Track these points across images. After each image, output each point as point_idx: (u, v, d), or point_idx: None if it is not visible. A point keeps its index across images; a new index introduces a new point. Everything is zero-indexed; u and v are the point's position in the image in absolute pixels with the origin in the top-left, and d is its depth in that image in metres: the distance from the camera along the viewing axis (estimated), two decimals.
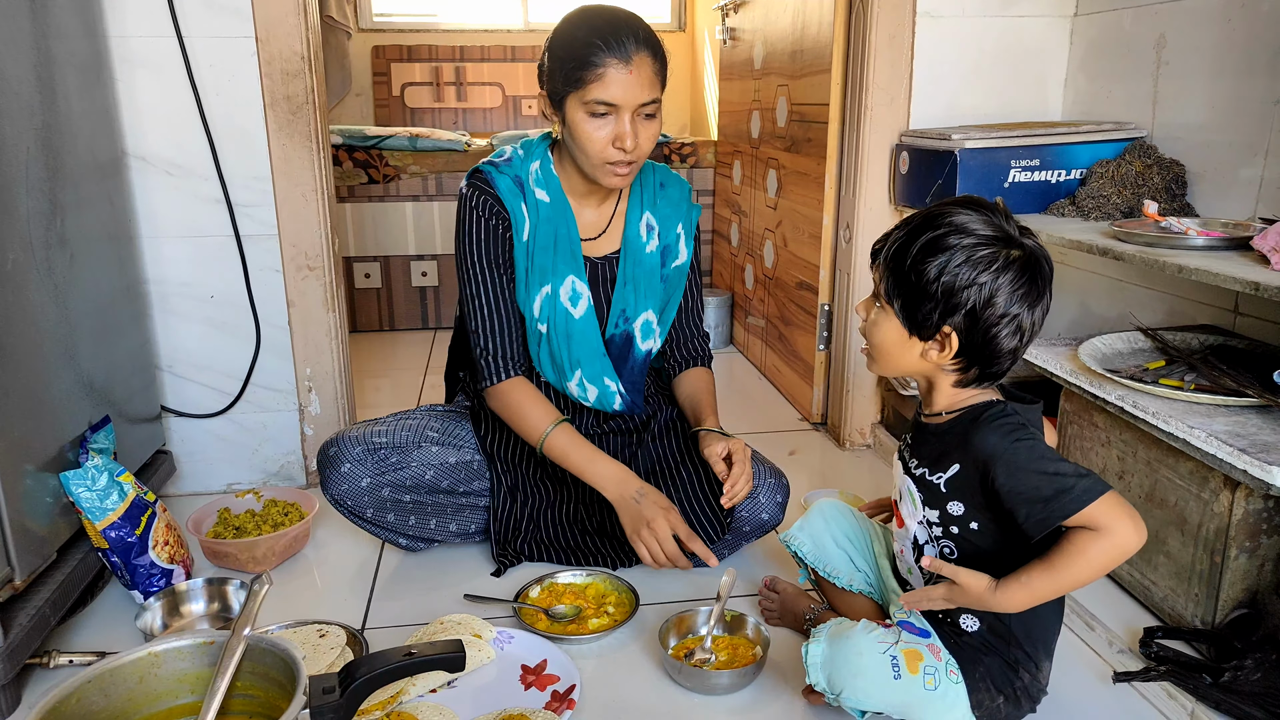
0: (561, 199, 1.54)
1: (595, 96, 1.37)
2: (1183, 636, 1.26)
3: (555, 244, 1.53)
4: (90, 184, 1.54)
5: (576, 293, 1.55)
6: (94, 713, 0.92)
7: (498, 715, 1.17)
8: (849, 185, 2.07)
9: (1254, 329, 1.50)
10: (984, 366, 1.05)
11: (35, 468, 1.26)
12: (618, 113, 1.39)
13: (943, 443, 1.10)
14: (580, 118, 1.40)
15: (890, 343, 1.08)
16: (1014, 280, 1.00)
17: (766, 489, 1.56)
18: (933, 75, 1.96)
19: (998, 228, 1.02)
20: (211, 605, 1.46)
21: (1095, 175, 1.73)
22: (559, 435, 1.51)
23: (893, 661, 1.07)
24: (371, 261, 3.25)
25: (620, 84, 1.37)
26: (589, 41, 1.37)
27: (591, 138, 1.40)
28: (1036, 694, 1.14)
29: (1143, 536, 0.97)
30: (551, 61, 1.42)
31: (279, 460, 1.95)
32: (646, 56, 1.39)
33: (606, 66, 1.36)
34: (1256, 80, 1.51)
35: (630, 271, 1.59)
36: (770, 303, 2.68)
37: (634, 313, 1.59)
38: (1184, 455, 1.25)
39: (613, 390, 1.60)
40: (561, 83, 1.40)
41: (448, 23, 4.10)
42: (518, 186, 1.52)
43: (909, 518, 1.15)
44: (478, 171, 1.53)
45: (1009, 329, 1.02)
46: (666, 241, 1.62)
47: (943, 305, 1.01)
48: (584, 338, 1.56)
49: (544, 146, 1.55)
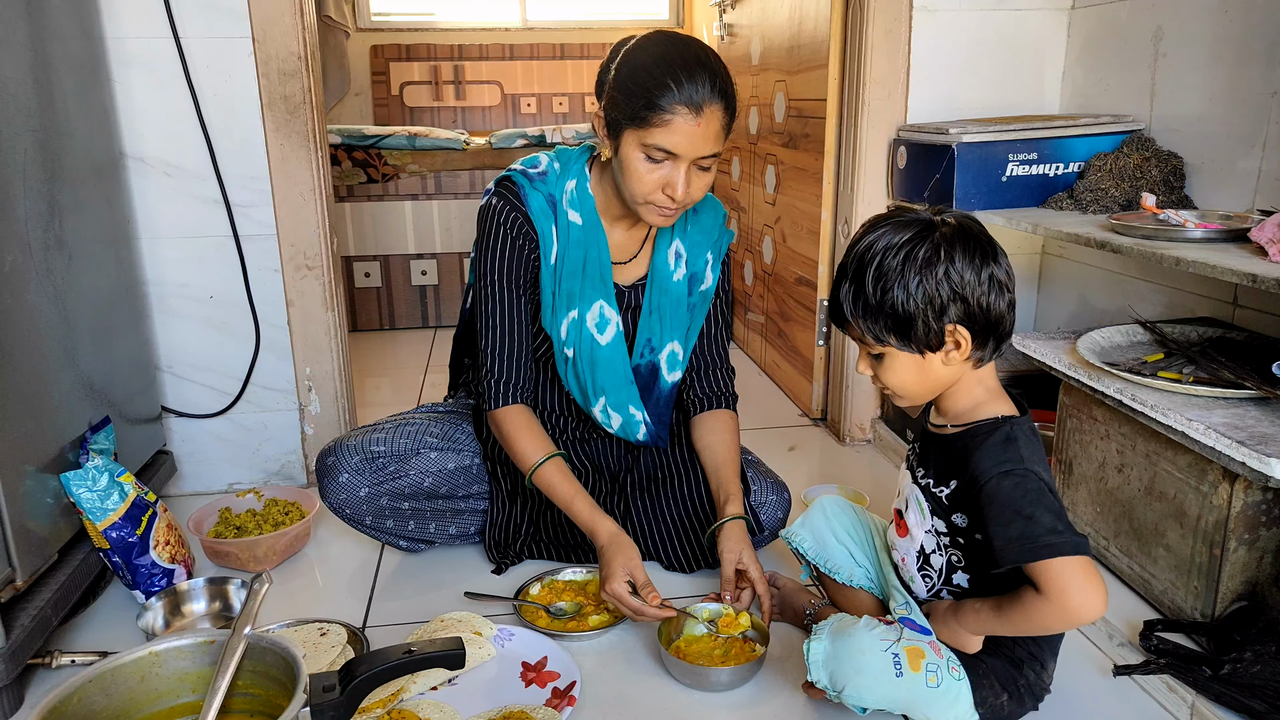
0: (595, 221, 1.46)
1: (656, 142, 1.28)
2: (1182, 629, 1.26)
3: (584, 268, 1.46)
4: (88, 185, 1.54)
5: (604, 319, 1.48)
6: (96, 712, 0.92)
7: (499, 712, 1.17)
8: (847, 180, 2.07)
9: (1253, 321, 1.50)
10: (997, 334, 1.05)
11: (36, 469, 1.27)
12: (675, 161, 1.30)
13: (947, 457, 1.10)
14: (635, 155, 1.31)
15: (911, 374, 1.07)
16: (963, 251, 1.02)
17: (769, 505, 1.56)
18: (930, 69, 1.96)
19: (914, 222, 1.04)
20: (213, 605, 1.47)
21: (1093, 168, 1.73)
22: (547, 470, 1.45)
23: (895, 659, 1.07)
24: (371, 261, 3.25)
25: (685, 135, 1.27)
26: (662, 81, 1.26)
27: (643, 179, 1.32)
28: (1040, 692, 1.14)
29: (1090, 611, 0.97)
30: (617, 87, 1.31)
31: (279, 460, 1.96)
32: (718, 109, 1.29)
33: (675, 115, 1.26)
34: (1254, 71, 1.50)
35: (656, 300, 1.52)
36: (769, 299, 2.68)
37: (660, 343, 1.53)
38: (1183, 448, 1.25)
39: (638, 420, 1.55)
40: (623, 115, 1.30)
41: (446, 21, 4.10)
42: (550, 206, 1.44)
43: (916, 526, 1.15)
44: (509, 181, 1.45)
45: (994, 290, 1.03)
46: (694, 269, 1.54)
47: (931, 312, 1.02)
48: (609, 365, 1.50)
49: (582, 162, 1.47)
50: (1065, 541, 0.97)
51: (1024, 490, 1.00)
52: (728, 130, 1.33)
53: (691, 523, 1.54)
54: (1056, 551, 0.96)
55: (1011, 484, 1.00)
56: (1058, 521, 0.98)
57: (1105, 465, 1.44)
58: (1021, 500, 0.99)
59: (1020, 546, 0.98)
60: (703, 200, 1.53)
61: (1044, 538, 0.97)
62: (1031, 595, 0.99)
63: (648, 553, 1.56)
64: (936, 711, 1.08)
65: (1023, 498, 1.00)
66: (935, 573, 1.14)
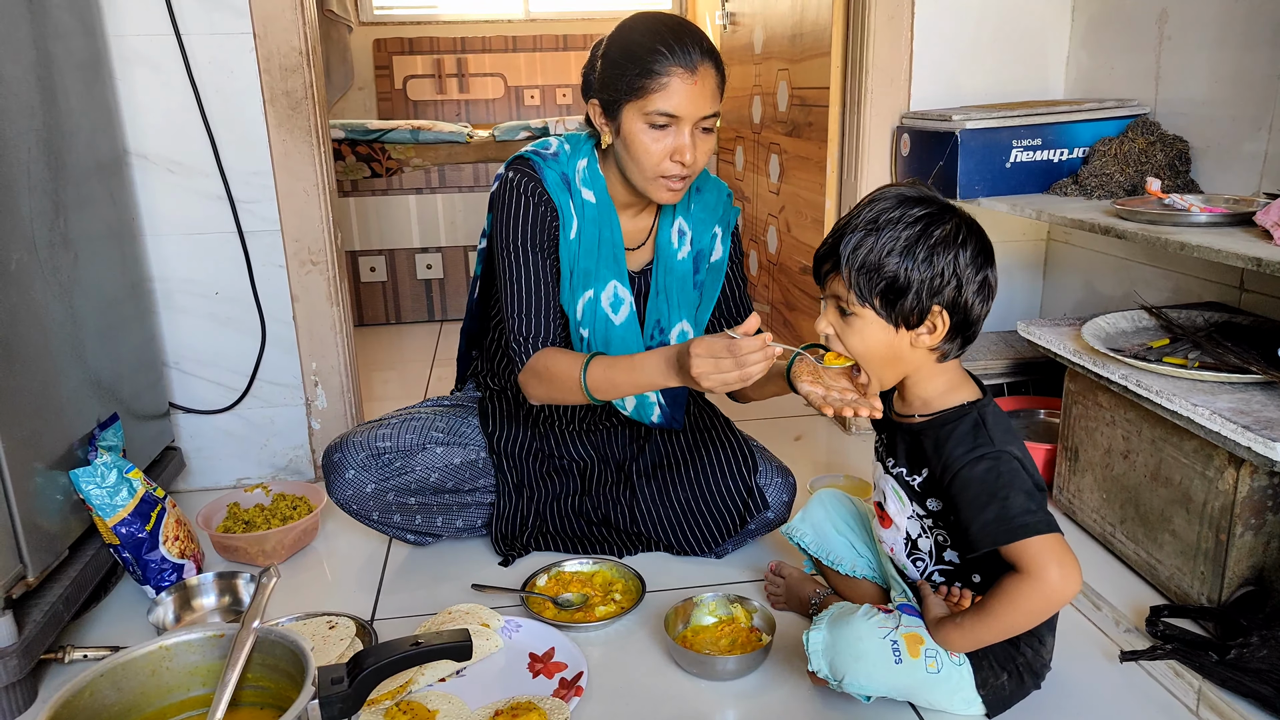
0: (607, 201, 1.48)
1: (658, 107, 1.31)
2: (1189, 615, 1.26)
3: (599, 247, 1.47)
4: (92, 183, 1.54)
5: (619, 298, 1.49)
6: (107, 706, 0.93)
7: (506, 703, 1.18)
8: (850, 169, 2.06)
9: (1260, 305, 1.50)
10: (966, 334, 1.06)
11: (45, 466, 1.28)
12: (678, 125, 1.33)
13: (917, 445, 1.10)
14: (638, 128, 1.34)
15: (880, 344, 1.06)
16: (973, 244, 1.03)
17: (774, 487, 1.56)
18: (933, 56, 1.95)
19: (934, 201, 1.04)
20: (222, 599, 1.48)
21: (1098, 153, 1.72)
22: (595, 368, 1.35)
23: (893, 646, 1.07)
24: (376, 255, 3.26)
25: (684, 95, 1.31)
26: (653, 48, 1.30)
27: (649, 150, 1.34)
28: (1040, 669, 1.14)
29: (1072, 587, 0.98)
30: (608, 68, 1.36)
31: (287, 454, 1.97)
32: (710, 68, 1.33)
33: (671, 75, 1.30)
34: (1259, 53, 1.49)
35: (662, 281, 1.53)
36: (774, 288, 2.68)
37: (669, 323, 1.53)
38: (1188, 433, 1.24)
39: (652, 402, 1.54)
40: (621, 91, 1.33)
41: (448, 14, 4.10)
42: (564, 183, 1.45)
43: (898, 515, 1.15)
44: (523, 159, 1.46)
45: (982, 292, 1.04)
46: (700, 246, 1.55)
47: (927, 288, 1.02)
48: (624, 346, 1.50)
49: (590, 144, 1.48)
50: (1039, 521, 0.98)
51: (997, 473, 1.01)
52: (721, 91, 1.37)
53: (699, 508, 1.55)
54: (1033, 531, 0.98)
55: (985, 468, 1.01)
56: (1030, 502, 0.99)
57: (1111, 451, 1.44)
58: (995, 483, 1.00)
59: (997, 529, 0.99)
60: (705, 180, 1.57)
61: (1019, 518, 0.98)
62: (1012, 580, 1.00)
63: (655, 540, 1.57)
64: (940, 697, 1.08)
65: (996, 480, 1.00)
66: (925, 555, 1.14)
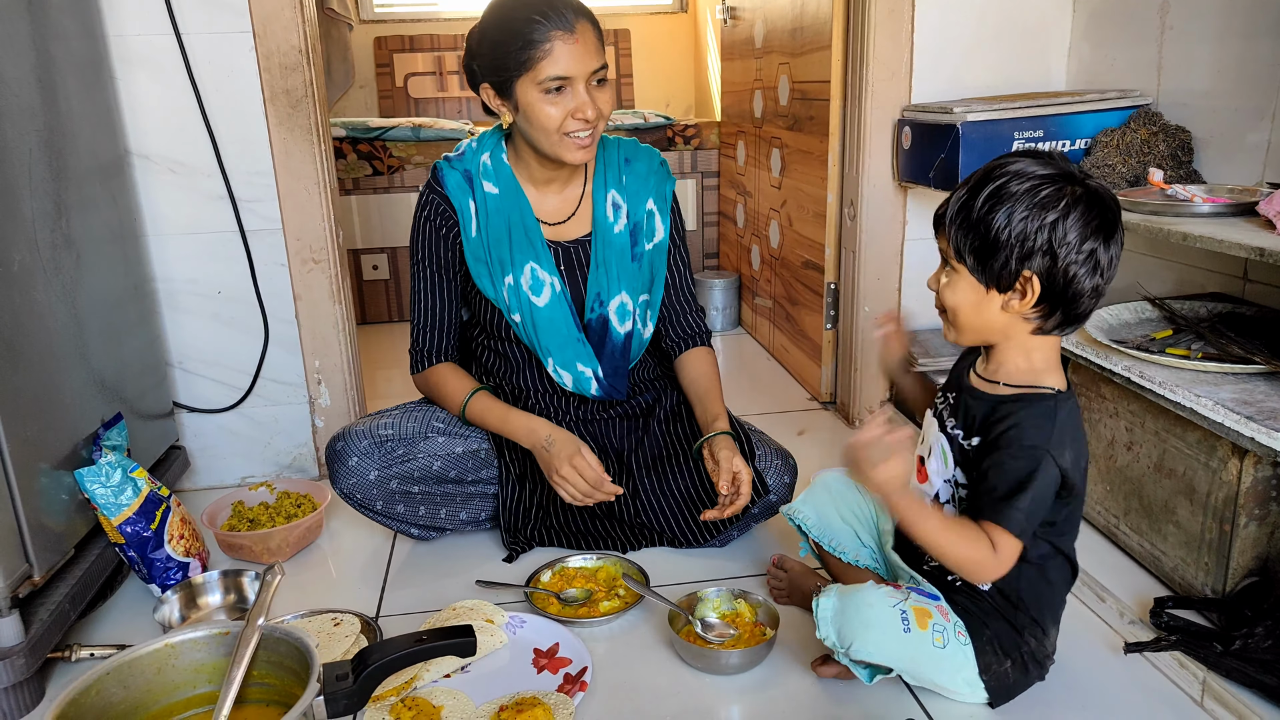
0: (513, 187, 1.54)
1: (548, 74, 1.36)
2: (1193, 606, 1.25)
3: (509, 233, 1.53)
4: (94, 184, 1.55)
5: (538, 280, 1.54)
6: (114, 704, 0.94)
7: (511, 698, 1.18)
8: (852, 162, 2.06)
9: (1264, 295, 1.49)
10: (1067, 309, 1.04)
11: (50, 466, 1.28)
12: (571, 85, 1.38)
13: (989, 412, 1.08)
14: (535, 99, 1.39)
15: (969, 303, 1.06)
16: (1084, 215, 1.00)
17: (774, 470, 1.56)
18: (934, 48, 1.94)
19: (1057, 168, 1.02)
20: (228, 597, 1.48)
21: (1100, 144, 1.72)
22: (476, 402, 1.55)
23: (902, 615, 1.07)
24: (379, 253, 3.26)
25: (570, 55, 1.36)
26: (529, 19, 1.36)
27: (551, 115, 1.40)
28: (1044, 660, 1.14)
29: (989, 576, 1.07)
30: (489, 50, 1.41)
31: (291, 453, 1.97)
32: (587, 24, 1.39)
33: (553, 40, 1.35)
34: (1262, 43, 1.49)
35: (601, 254, 1.57)
36: (777, 283, 2.68)
37: (608, 296, 1.57)
38: (1191, 424, 1.24)
39: (587, 376, 1.58)
40: (508, 69, 1.39)
41: (449, 11, 4.09)
42: (466, 182, 1.53)
43: (936, 475, 1.15)
44: (434, 168, 1.55)
45: (1087, 266, 1.01)
46: (636, 219, 1.59)
47: (1018, 251, 1.00)
48: (551, 325, 1.55)
49: (497, 136, 1.56)
50: (1017, 523, 1.03)
51: (1030, 472, 1.02)
52: (603, 44, 1.43)
53: (698, 498, 1.55)
54: (1012, 527, 1.03)
55: (1027, 459, 1.02)
56: (1031, 507, 1.03)
57: (1114, 443, 1.43)
58: (1023, 477, 1.02)
59: (993, 510, 1.04)
60: (636, 151, 1.61)
61: (1009, 510, 1.03)
62: (977, 537, 1.03)
63: (658, 531, 1.58)
64: (943, 675, 1.09)
65: (1028, 477, 1.02)
66: None
